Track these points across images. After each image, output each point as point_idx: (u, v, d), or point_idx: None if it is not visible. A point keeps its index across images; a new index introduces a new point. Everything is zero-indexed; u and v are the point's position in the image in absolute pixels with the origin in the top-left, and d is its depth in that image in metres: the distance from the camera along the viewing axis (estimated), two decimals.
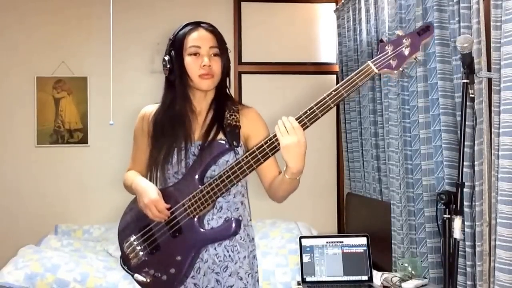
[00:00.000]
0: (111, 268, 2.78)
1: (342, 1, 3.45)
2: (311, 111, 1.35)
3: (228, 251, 1.58)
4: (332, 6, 3.70)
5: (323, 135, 3.71)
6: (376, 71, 1.32)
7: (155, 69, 3.56)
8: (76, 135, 3.59)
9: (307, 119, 1.35)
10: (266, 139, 1.39)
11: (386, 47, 1.32)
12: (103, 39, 3.28)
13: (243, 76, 3.68)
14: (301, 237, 2.64)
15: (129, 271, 1.59)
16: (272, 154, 1.39)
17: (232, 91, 4.22)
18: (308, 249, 2.58)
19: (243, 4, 3.69)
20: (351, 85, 1.32)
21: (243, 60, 3.69)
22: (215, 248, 1.57)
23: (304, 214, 3.54)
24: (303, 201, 3.62)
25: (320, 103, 1.34)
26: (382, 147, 2.86)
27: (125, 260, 1.61)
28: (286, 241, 2.98)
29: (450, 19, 2.12)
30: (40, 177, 3.58)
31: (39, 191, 3.58)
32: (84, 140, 3.59)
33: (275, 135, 1.38)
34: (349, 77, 1.33)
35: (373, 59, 1.33)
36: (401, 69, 1.32)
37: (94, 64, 3.57)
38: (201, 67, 1.51)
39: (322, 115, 1.34)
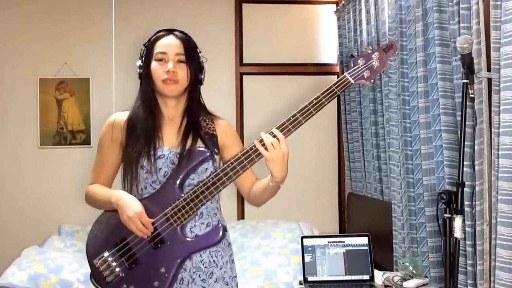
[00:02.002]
0: None
1: (343, 2, 3.46)
2: (294, 118, 1.42)
3: (212, 257, 1.58)
4: (333, 7, 3.71)
5: (324, 136, 3.72)
6: (352, 81, 1.45)
7: None
8: (79, 136, 3.61)
9: (291, 125, 1.42)
10: (252, 145, 1.43)
11: (359, 61, 1.47)
12: (105, 40, 3.29)
13: (244, 77, 3.69)
14: (302, 237, 2.65)
15: None
16: (259, 159, 1.43)
17: (233, 92, 4.24)
18: (309, 249, 2.60)
19: (244, 5, 3.71)
20: (331, 93, 1.44)
21: (244, 61, 3.70)
22: (200, 255, 1.56)
23: (306, 214, 3.55)
24: (305, 201, 3.64)
25: (303, 111, 1.43)
26: (383, 147, 2.87)
27: (97, 278, 1.53)
28: (288, 241, 2.99)
29: (450, 19, 2.13)
30: (43, 178, 3.60)
31: (42, 192, 3.59)
32: (86, 141, 3.60)
33: (260, 141, 1.41)
34: (328, 86, 1.46)
35: (349, 71, 1.47)
36: (372, 81, 1.47)
37: (96, 65, 3.59)
38: (165, 73, 1.53)
39: (305, 121, 1.43)
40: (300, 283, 2.58)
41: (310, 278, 2.55)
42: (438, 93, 2.21)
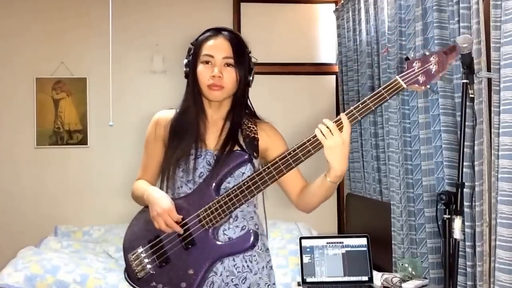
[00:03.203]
0: (110, 270, 2.78)
1: (342, 1, 3.45)
2: (339, 121, 1.33)
3: (246, 262, 1.53)
4: (332, 6, 3.70)
5: None
6: (404, 86, 1.32)
7: (154, 69, 3.56)
8: (76, 136, 3.59)
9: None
10: (290, 150, 1.37)
11: (414, 64, 1.33)
12: (102, 40, 3.27)
13: None
14: (301, 238, 2.64)
15: (134, 285, 1.51)
16: (296, 165, 1.37)
17: None
18: (308, 249, 2.58)
19: (242, 5, 3.69)
20: (379, 98, 1.32)
21: None
22: (233, 259, 1.52)
23: (304, 214, 3.51)
24: None
25: (349, 114, 1.33)
26: (382, 147, 2.86)
27: (129, 273, 1.53)
28: (286, 241, 2.97)
29: (449, 19, 2.12)
30: (40, 178, 3.58)
31: (38, 192, 3.57)
32: (83, 141, 3.59)
33: (299, 146, 1.36)
34: (377, 90, 1.33)
35: (402, 74, 1.34)
36: (428, 86, 1.33)
37: (93, 65, 3.57)
38: (210, 77, 1.48)
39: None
40: (299, 284, 2.57)
41: (308, 279, 2.54)
42: (437, 93, 2.20)
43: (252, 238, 1.45)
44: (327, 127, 1.32)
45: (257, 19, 3.71)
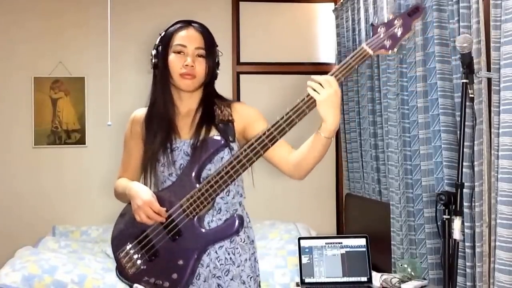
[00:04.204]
0: (109, 270, 2.76)
1: (341, 1, 3.44)
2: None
3: (229, 254, 1.53)
4: (331, 6, 3.69)
5: None
6: (371, 52, 1.34)
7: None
8: (74, 136, 3.58)
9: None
10: (265, 130, 1.37)
11: (379, 29, 1.35)
12: (100, 39, 3.26)
13: (241, 76, 3.67)
14: (300, 238, 2.63)
15: (127, 282, 1.52)
16: (272, 145, 1.37)
17: (230, 91, 4.22)
18: (307, 250, 2.57)
19: (241, 4, 3.68)
20: (348, 68, 1.34)
21: (241, 60, 3.67)
22: (216, 251, 1.52)
23: (303, 215, 3.53)
24: (302, 202, 3.61)
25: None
26: (381, 147, 2.85)
27: (121, 271, 1.54)
28: (285, 242, 2.96)
29: (449, 18, 2.11)
30: (38, 178, 3.57)
31: (36, 192, 3.56)
32: (81, 141, 3.57)
33: (273, 125, 1.36)
34: (344, 60, 1.34)
35: (367, 41, 1.36)
36: (395, 49, 1.35)
37: (91, 65, 3.56)
38: (183, 66, 1.50)
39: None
40: (297, 284, 2.56)
41: (307, 280, 2.53)
42: (437, 93, 2.19)
43: (237, 223, 1.45)
44: (317, 82, 1.32)
45: (256, 19, 3.70)
